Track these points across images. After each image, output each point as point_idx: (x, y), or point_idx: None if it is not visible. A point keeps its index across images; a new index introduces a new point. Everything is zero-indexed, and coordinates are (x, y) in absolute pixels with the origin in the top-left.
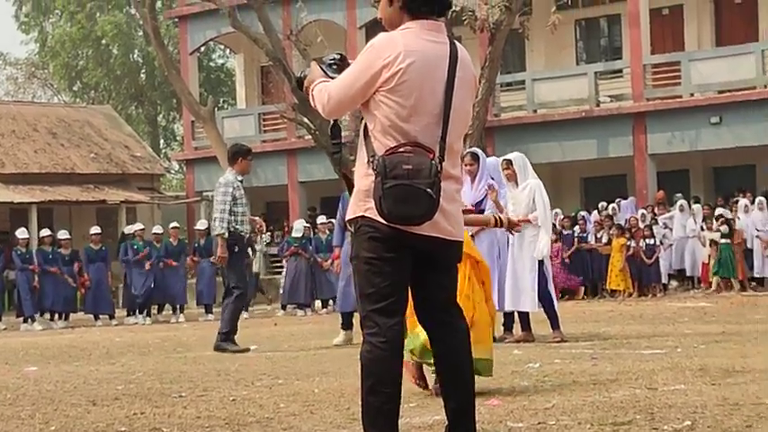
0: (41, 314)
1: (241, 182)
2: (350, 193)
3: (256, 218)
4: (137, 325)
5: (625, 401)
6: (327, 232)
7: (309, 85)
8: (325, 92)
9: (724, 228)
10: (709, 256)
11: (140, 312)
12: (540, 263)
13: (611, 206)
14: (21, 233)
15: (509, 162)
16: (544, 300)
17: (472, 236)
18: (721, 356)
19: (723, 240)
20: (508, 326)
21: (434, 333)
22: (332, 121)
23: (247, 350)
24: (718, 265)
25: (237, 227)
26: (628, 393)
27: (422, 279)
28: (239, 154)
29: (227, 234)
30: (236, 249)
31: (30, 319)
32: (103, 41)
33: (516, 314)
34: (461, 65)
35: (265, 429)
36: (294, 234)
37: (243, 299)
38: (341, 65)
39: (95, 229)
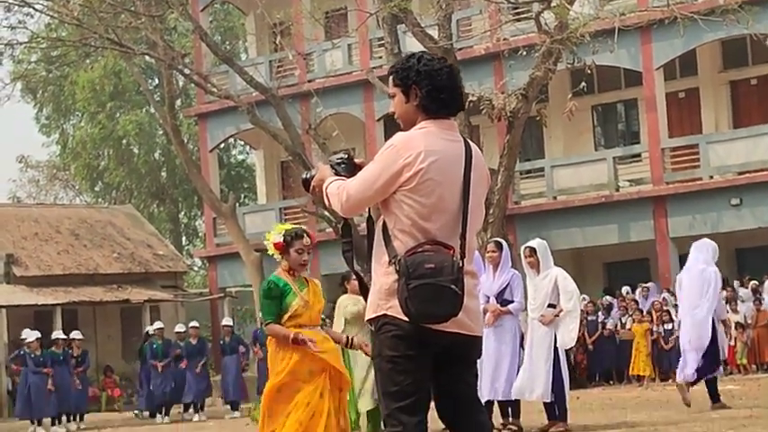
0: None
1: None
2: (362, 294)
3: None
4: (162, 425)
5: None
6: None
7: (318, 184)
8: (343, 190)
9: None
10: (735, 338)
11: (162, 412)
12: (556, 350)
13: (638, 290)
14: (28, 335)
15: (532, 250)
16: (556, 388)
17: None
18: None
19: None
20: (515, 413)
21: (460, 430)
22: (343, 221)
23: None
24: None
25: None
26: None
27: (443, 376)
28: None
29: None
30: None
31: (37, 422)
32: (124, 141)
33: (543, 404)
34: (476, 163)
35: None
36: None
37: None
38: (348, 163)
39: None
